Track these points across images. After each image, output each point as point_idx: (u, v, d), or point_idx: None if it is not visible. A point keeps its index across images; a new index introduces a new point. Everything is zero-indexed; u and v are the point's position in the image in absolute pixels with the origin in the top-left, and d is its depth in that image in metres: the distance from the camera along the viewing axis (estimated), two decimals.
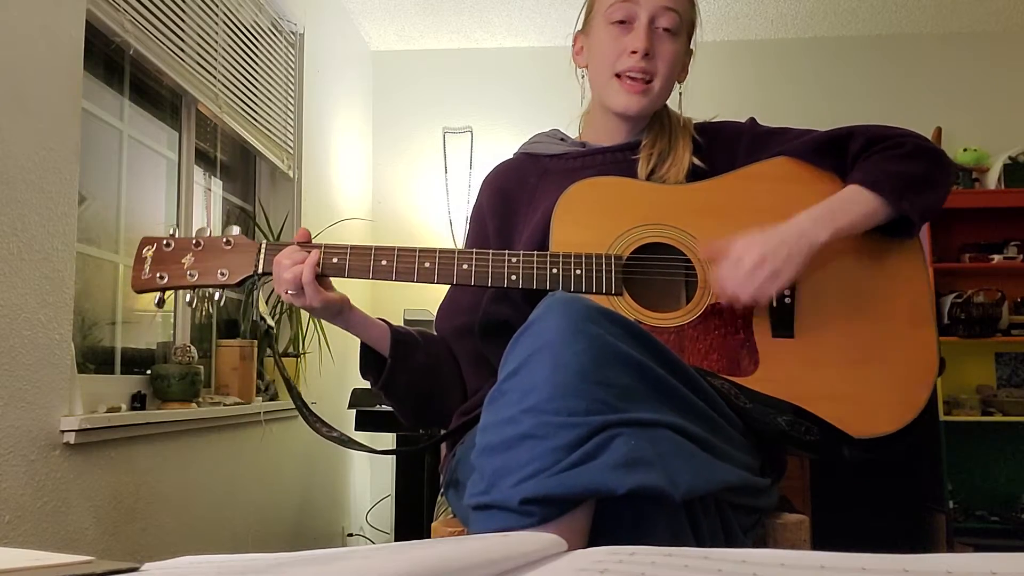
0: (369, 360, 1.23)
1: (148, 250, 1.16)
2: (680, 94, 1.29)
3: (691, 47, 1.28)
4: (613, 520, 0.74)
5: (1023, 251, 3.54)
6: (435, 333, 1.29)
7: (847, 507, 3.13)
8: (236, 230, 1.18)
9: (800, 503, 3.15)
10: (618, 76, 1.21)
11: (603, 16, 1.23)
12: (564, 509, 0.71)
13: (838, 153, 1.14)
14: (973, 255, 3.55)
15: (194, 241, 1.16)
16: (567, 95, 1.39)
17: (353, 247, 1.12)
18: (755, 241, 1.03)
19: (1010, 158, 3.61)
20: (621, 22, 1.21)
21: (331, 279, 1.15)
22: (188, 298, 1.19)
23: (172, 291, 1.16)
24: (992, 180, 3.65)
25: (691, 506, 0.79)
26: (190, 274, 1.14)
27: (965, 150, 3.69)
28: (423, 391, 1.23)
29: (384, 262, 1.11)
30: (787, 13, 3.72)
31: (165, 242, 1.16)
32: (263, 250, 1.15)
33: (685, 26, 1.23)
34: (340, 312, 1.16)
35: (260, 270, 1.14)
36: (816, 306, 1.09)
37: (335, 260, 1.12)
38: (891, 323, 1.09)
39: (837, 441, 1.01)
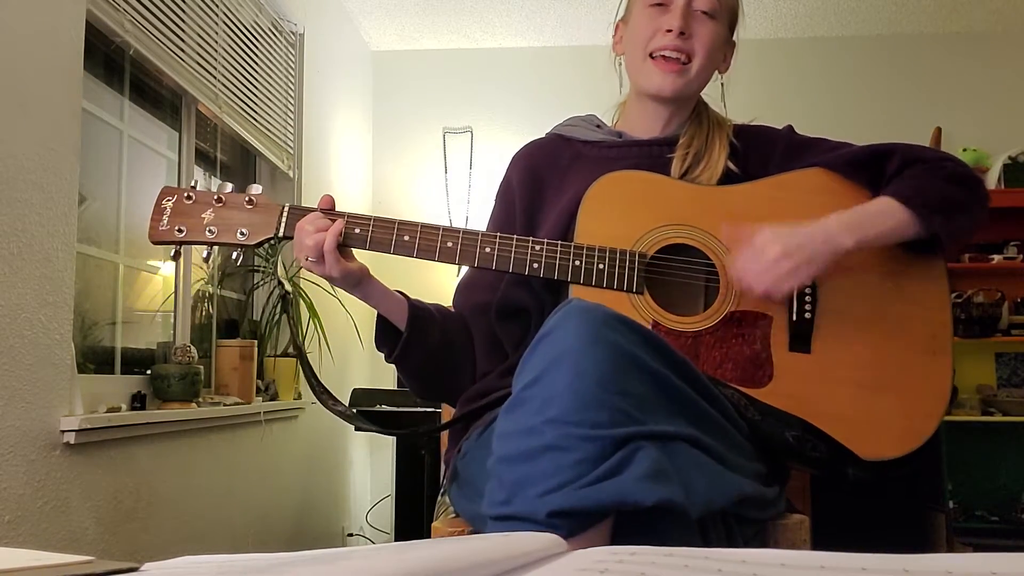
0: (385, 332, 1.22)
1: (168, 201, 1.11)
2: (722, 85, 1.28)
3: (733, 39, 1.27)
4: (628, 534, 0.74)
5: (1023, 251, 3.54)
6: (452, 308, 1.28)
7: (847, 507, 3.13)
8: (258, 189, 1.14)
9: (800, 503, 3.15)
10: (652, 57, 1.19)
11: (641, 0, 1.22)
12: (590, 522, 0.71)
13: (875, 169, 1.13)
14: (973, 255, 3.54)
15: (215, 196, 1.12)
16: (567, 95, 1.40)
17: (377, 219, 1.10)
18: (780, 235, 1.02)
19: (1010, 158, 3.61)
20: (659, 4, 1.20)
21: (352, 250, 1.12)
22: (205, 253, 1.15)
23: (189, 245, 1.12)
24: (992, 180, 3.64)
25: (702, 518, 0.79)
26: (209, 230, 1.10)
27: (965, 150, 3.68)
28: (435, 368, 1.23)
29: (407, 237, 1.09)
30: (787, 13, 3.72)
31: (186, 194, 1.12)
32: (286, 213, 1.12)
33: (725, 12, 1.23)
34: (359, 283, 1.14)
35: (281, 233, 1.11)
36: (836, 324, 1.08)
37: (358, 231, 1.09)
38: (909, 349, 1.08)
39: (842, 460, 1.01)
